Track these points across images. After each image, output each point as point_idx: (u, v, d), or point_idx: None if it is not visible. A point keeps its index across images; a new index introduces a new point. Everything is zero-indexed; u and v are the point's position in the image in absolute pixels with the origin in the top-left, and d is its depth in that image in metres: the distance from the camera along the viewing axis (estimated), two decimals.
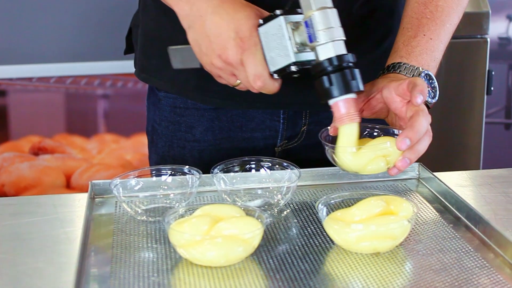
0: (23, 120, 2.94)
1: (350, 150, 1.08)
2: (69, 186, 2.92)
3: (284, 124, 1.34)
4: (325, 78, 1.03)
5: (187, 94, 1.33)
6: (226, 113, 1.34)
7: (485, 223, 1.03)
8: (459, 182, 1.28)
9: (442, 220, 1.10)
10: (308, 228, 1.07)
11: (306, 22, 1.03)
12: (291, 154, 1.35)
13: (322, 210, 1.04)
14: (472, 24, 2.34)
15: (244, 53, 1.05)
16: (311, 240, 1.03)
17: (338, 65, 1.03)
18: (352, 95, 1.04)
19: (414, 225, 1.07)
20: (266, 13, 1.08)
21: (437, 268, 0.95)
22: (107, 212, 1.14)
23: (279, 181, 1.17)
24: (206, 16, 1.07)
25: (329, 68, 1.03)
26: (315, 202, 1.14)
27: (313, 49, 1.04)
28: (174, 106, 1.36)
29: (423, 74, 1.14)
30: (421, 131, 1.04)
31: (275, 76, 1.07)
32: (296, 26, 1.05)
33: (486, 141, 2.52)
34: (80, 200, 1.20)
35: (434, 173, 1.24)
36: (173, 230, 0.96)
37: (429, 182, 1.23)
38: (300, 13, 1.05)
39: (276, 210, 1.12)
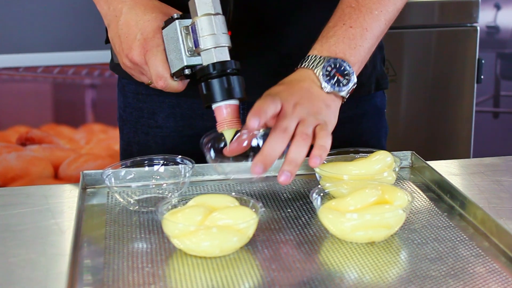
0: (10, 110, 2.92)
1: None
2: (57, 176, 2.91)
3: (245, 115, 1.32)
4: (206, 83, 1.04)
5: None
6: (186, 101, 1.34)
7: (479, 211, 1.03)
8: (451, 171, 1.28)
9: (436, 209, 1.10)
10: (302, 218, 1.07)
11: (192, 28, 1.05)
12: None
13: (316, 199, 1.03)
14: (461, 13, 2.33)
15: (147, 54, 1.08)
16: (305, 229, 1.03)
17: (219, 71, 1.03)
18: (232, 101, 1.04)
19: (409, 214, 1.07)
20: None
21: (433, 257, 0.94)
22: (98, 202, 1.13)
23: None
24: (120, 16, 1.11)
25: (210, 74, 1.04)
26: (308, 192, 1.15)
27: (199, 54, 1.05)
28: (137, 93, 1.37)
29: (328, 63, 1.09)
30: (271, 152, 0.99)
31: (175, 78, 1.09)
32: (188, 30, 1.06)
33: (475, 130, 2.53)
34: (71, 191, 1.19)
35: (428, 162, 1.23)
36: (167, 221, 0.95)
37: (422, 171, 1.23)
38: None
39: None
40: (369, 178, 1.10)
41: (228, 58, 1.05)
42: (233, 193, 1.05)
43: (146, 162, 1.16)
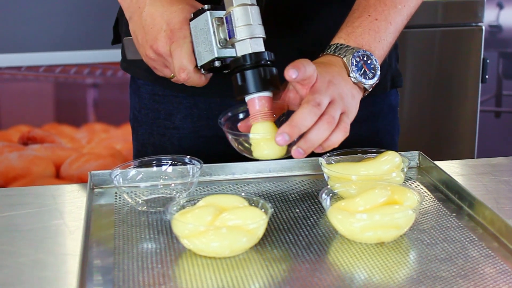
0: (12, 109, 2.92)
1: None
2: (58, 176, 2.90)
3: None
4: (240, 74, 1.03)
5: (163, 82, 1.32)
6: (204, 101, 1.33)
7: (488, 212, 1.03)
8: (458, 171, 1.28)
9: (444, 209, 1.09)
10: (311, 218, 1.07)
11: (226, 18, 1.04)
12: None
13: (326, 199, 1.03)
14: (466, 12, 2.33)
15: (173, 45, 1.06)
16: (314, 230, 1.03)
17: (254, 62, 1.02)
18: (266, 93, 1.03)
19: (417, 215, 1.07)
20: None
21: (442, 257, 0.94)
22: (106, 202, 1.13)
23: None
24: (144, 8, 1.09)
25: (245, 65, 1.03)
26: (316, 192, 1.15)
27: (233, 45, 1.04)
28: (153, 94, 1.36)
29: (357, 53, 1.09)
30: (300, 124, 0.98)
31: (202, 71, 1.07)
32: (220, 21, 1.05)
33: (478, 129, 2.52)
34: (79, 191, 1.19)
35: (436, 162, 1.23)
36: (177, 221, 0.95)
37: (429, 171, 1.22)
38: None
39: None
40: (378, 179, 1.10)
41: (263, 49, 1.03)
42: (243, 194, 1.05)
43: (154, 162, 1.16)
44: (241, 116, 1.10)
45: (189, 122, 1.33)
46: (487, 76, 2.34)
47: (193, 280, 0.89)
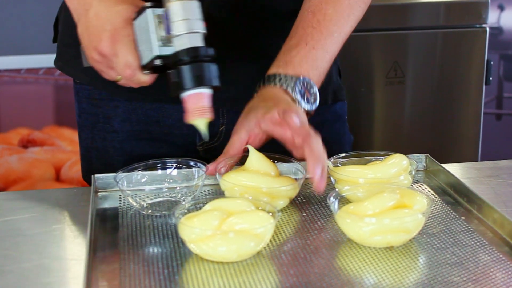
0: (12, 112, 2.90)
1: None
2: (58, 179, 2.89)
3: (224, 116, 1.32)
4: (176, 70, 1.00)
5: (98, 84, 1.31)
6: (142, 106, 1.31)
7: (498, 215, 1.02)
8: (465, 174, 1.27)
9: (453, 212, 1.08)
10: (318, 222, 1.05)
11: (165, 14, 1.01)
12: (215, 153, 1.25)
13: (334, 203, 1.01)
14: (470, 13, 2.32)
15: (117, 44, 1.05)
16: (322, 234, 1.01)
17: (192, 57, 1.00)
18: (205, 90, 1.01)
19: (426, 219, 1.05)
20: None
21: (453, 262, 0.93)
22: (110, 206, 1.12)
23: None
24: (90, 9, 1.08)
25: (182, 60, 1.00)
26: (323, 195, 1.13)
27: (172, 41, 1.02)
28: (91, 98, 1.34)
29: (299, 82, 1.12)
30: (321, 152, 1.04)
31: (145, 71, 1.05)
32: (161, 18, 1.02)
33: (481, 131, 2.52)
34: (82, 195, 1.17)
35: (443, 165, 1.22)
36: (184, 225, 0.94)
37: (437, 174, 1.21)
38: None
39: None
40: (385, 182, 1.09)
41: (202, 44, 1.01)
42: (250, 197, 1.04)
43: (159, 165, 1.15)
44: None
45: (128, 125, 1.32)
46: (490, 78, 2.33)
47: (200, 285, 0.88)
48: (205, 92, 1.01)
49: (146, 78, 1.06)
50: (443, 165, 1.23)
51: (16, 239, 1.02)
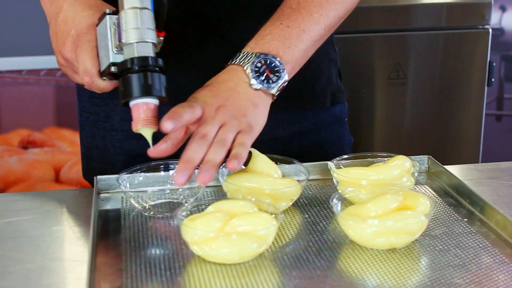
0: (13, 113, 2.90)
1: None
2: (58, 180, 2.89)
3: None
4: (123, 78, 1.00)
5: None
6: None
7: (500, 217, 1.02)
8: (467, 175, 1.26)
9: (455, 214, 1.08)
10: (320, 224, 1.05)
11: (118, 22, 1.01)
12: None
13: (337, 204, 1.01)
14: (472, 15, 2.32)
15: (77, 49, 1.04)
16: (324, 235, 1.01)
17: (139, 66, 0.99)
18: (150, 100, 1.00)
19: (429, 220, 1.05)
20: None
21: (455, 264, 0.93)
22: (113, 207, 1.12)
23: None
24: (60, 13, 1.08)
25: (130, 68, 0.99)
26: (325, 197, 1.13)
27: (122, 49, 1.01)
28: (91, 97, 1.35)
29: (258, 59, 1.06)
30: (192, 159, 0.96)
31: (104, 77, 1.04)
32: (116, 26, 1.02)
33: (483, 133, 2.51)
34: (85, 196, 1.17)
35: (444, 166, 1.22)
36: (186, 227, 0.94)
37: (439, 175, 1.21)
38: None
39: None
40: (388, 184, 1.09)
41: (151, 54, 1.00)
42: (253, 198, 1.04)
43: (161, 167, 1.15)
44: None
45: (127, 124, 1.30)
46: (493, 80, 2.33)
47: (203, 287, 0.88)
48: (151, 102, 1.00)
49: (104, 85, 1.05)
50: (446, 166, 1.23)
51: (19, 240, 1.02)
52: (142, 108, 0.99)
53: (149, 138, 1.01)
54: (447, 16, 2.33)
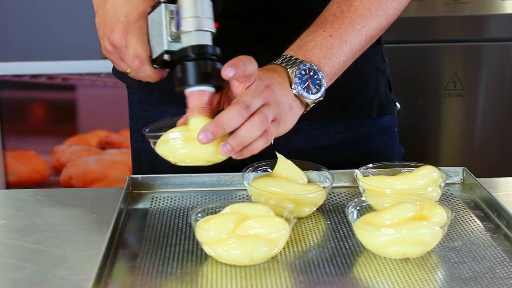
0: (91, 114, 2.99)
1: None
2: None
3: None
4: (181, 65, 1.00)
5: (145, 89, 1.33)
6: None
7: None
8: (505, 189, 1.23)
9: (481, 227, 1.06)
10: (340, 231, 1.05)
11: (176, 10, 1.01)
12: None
13: (352, 213, 1.01)
14: None
15: (128, 35, 1.05)
16: (341, 243, 1.01)
17: (197, 54, 0.99)
18: (206, 87, 1.00)
19: (451, 232, 1.04)
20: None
21: (467, 277, 0.91)
22: (144, 206, 1.15)
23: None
24: (108, 1, 1.09)
25: (187, 56, 0.99)
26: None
27: (180, 37, 1.01)
28: (141, 102, 1.37)
29: (303, 66, 1.06)
30: (226, 124, 0.94)
31: (155, 65, 1.05)
32: (173, 14, 1.03)
33: None
34: (118, 194, 1.20)
35: (482, 179, 1.20)
36: (199, 228, 0.96)
37: (473, 188, 1.19)
38: None
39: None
40: (412, 193, 1.08)
41: (210, 43, 1.01)
42: (272, 201, 1.05)
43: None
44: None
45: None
46: None
47: (208, 286, 0.90)
48: (208, 90, 1.01)
49: (152, 72, 1.06)
50: (483, 178, 1.21)
51: (46, 233, 1.06)
52: (198, 96, 1.00)
53: (201, 126, 1.00)
54: None
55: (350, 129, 1.34)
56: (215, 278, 0.92)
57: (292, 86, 1.06)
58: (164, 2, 1.03)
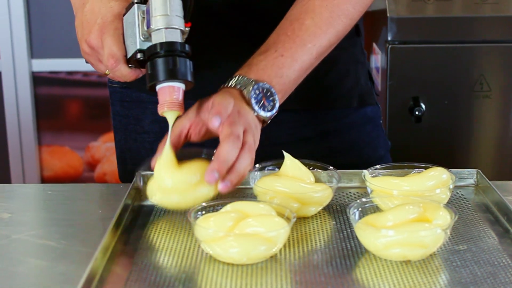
0: None
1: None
2: None
3: None
4: (151, 62, 1.02)
5: (129, 84, 1.32)
6: None
7: None
8: None
9: (490, 231, 1.04)
10: (344, 231, 1.04)
11: (147, 9, 1.04)
12: None
13: (354, 214, 1.00)
14: None
15: (103, 35, 1.07)
16: (343, 243, 1.00)
17: (167, 51, 1.01)
18: (176, 83, 1.02)
19: (457, 235, 1.02)
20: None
21: (467, 281, 0.89)
22: (149, 203, 1.14)
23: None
24: (86, 3, 1.12)
25: (157, 53, 1.02)
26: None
27: (150, 35, 1.04)
28: (122, 100, 1.38)
29: (257, 86, 1.09)
30: (228, 159, 1.00)
31: (130, 65, 1.07)
32: (144, 14, 1.05)
33: None
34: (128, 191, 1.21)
35: (499, 181, 1.18)
36: (198, 225, 0.96)
37: (486, 190, 1.16)
38: None
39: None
40: (420, 195, 1.06)
41: (180, 40, 1.04)
42: (276, 200, 1.04)
43: None
44: None
45: (157, 126, 1.34)
46: None
47: (202, 283, 0.89)
48: (177, 86, 1.03)
49: (128, 71, 1.09)
50: (500, 181, 1.18)
51: (51, 228, 1.08)
52: (168, 91, 1.03)
53: (171, 122, 1.05)
54: None
55: (332, 119, 1.35)
56: (211, 276, 0.91)
57: (253, 107, 1.09)
58: (137, 3, 1.06)
